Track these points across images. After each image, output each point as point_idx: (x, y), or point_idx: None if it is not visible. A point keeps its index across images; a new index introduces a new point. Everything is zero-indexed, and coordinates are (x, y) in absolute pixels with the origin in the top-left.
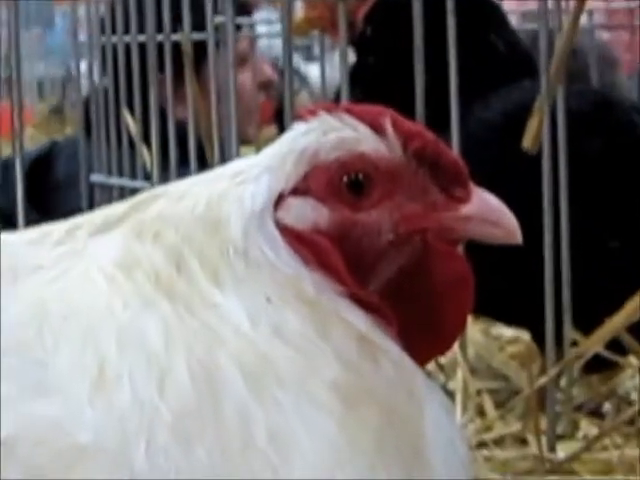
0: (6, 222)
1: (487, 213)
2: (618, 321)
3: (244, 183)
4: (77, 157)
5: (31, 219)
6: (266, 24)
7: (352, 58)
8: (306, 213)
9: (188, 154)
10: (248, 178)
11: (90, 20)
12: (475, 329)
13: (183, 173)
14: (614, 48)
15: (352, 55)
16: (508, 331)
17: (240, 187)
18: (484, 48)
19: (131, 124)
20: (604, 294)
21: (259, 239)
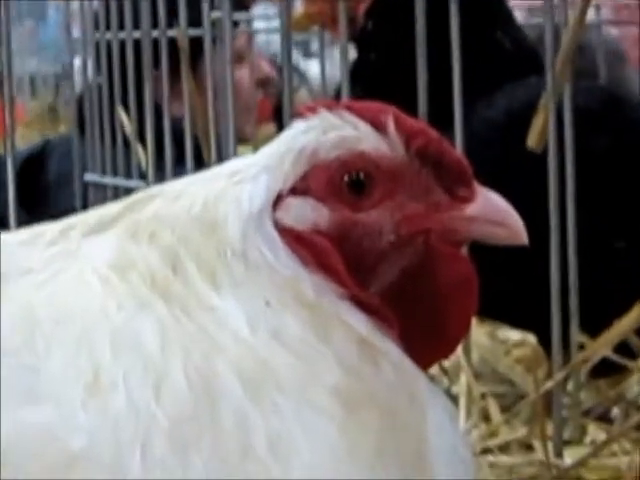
0: None
1: (492, 213)
2: (626, 323)
3: (242, 183)
4: (70, 156)
5: (21, 220)
6: (264, 20)
7: (353, 54)
8: (305, 213)
9: (184, 153)
10: (246, 178)
11: (84, 15)
12: (480, 332)
13: (179, 172)
14: (622, 43)
15: (353, 51)
16: (514, 334)
17: (238, 187)
18: (489, 44)
19: (126, 122)
20: (612, 296)
21: (257, 240)
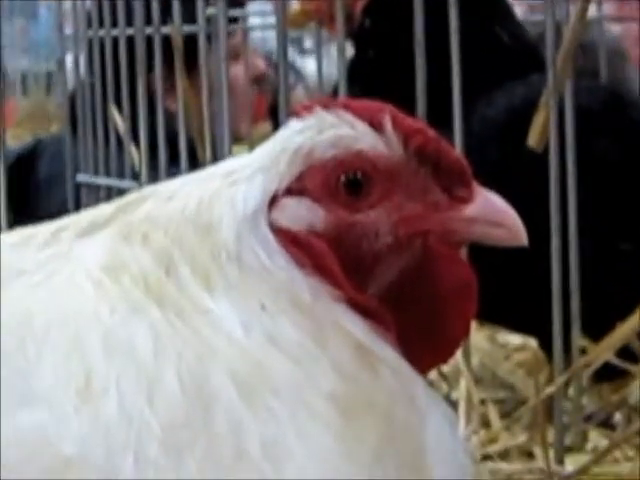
0: None
1: (491, 214)
2: (629, 327)
3: (237, 183)
4: (62, 156)
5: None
6: (260, 16)
7: (350, 52)
8: (301, 214)
9: (178, 152)
10: (241, 178)
11: (76, 12)
12: (479, 336)
13: (173, 172)
14: (624, 41)
15: (350, 49)
16: (514, 338)
17: (232, 187)
18: (488, 41)
19: (119, 121)
20: (615, 299)
21: (252, 242)
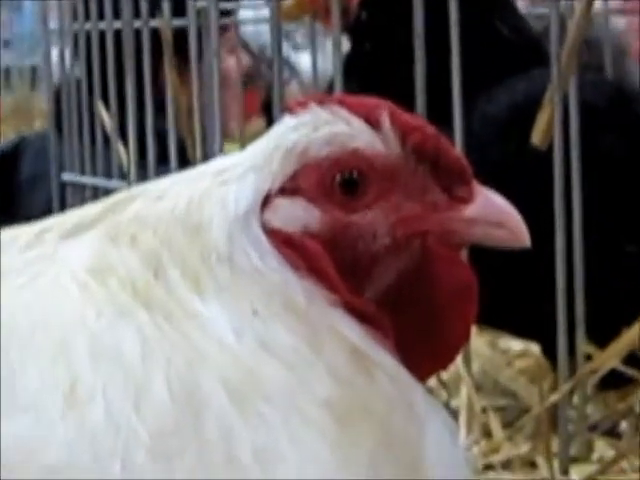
0: None
1: (492, 214)
2: (636, 333)
3: (228, 182)
4: (46, 154)
5: None
6: (252, 9)
7: (346, 46)
8: (295, 215)
9: (168, 151)
10: (232, 177)
11: (61, 5)
12: (480, 341)
13: (162, 171)
14: (628, 35)
15: (346, 43)
16: (516, 344)
17: (223, 187)
18: (488, 34)
19: (106, 118)
20: (621, 303)
21: (244, 243)
